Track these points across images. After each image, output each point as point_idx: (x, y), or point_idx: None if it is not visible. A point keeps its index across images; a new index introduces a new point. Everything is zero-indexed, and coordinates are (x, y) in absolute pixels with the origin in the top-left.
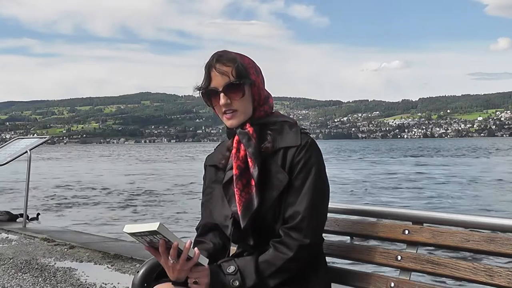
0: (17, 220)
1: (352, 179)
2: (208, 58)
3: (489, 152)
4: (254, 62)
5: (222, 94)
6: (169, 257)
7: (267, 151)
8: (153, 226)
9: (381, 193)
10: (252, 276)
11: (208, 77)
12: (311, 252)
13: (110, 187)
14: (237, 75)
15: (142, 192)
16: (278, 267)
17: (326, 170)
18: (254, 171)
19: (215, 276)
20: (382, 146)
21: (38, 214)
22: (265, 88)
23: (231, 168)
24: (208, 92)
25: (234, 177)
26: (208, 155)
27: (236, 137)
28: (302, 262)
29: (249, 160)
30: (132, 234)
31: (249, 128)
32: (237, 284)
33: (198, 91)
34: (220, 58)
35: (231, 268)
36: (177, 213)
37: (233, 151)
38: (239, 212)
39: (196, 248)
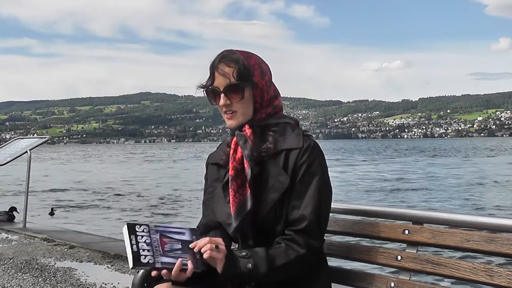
0: (13, 213)
1: None
2: (211, 58)
3: None
4: (262, 61)
5: (222, 95)
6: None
7: (268, 152)
8: (130, 262)
9: None
10: (263, 263)
11: (212, 76)
12: (317, 254)
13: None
14: (238, 76)
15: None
16: (289, 260)
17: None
18: (248, 172)
19: (228, 257)
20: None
21: (53, 208)
22: (276, 87)
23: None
24: (211, 91)
25: (229, 178)
26: (210, 154)
27: (235, 139)
28: (308, 264)
29: (244, 162)
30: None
31: (247, 130)
32: (250, 266)
33: (201, 89)
34: (223, 58)
35: (243, 252)
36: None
37: (231, 152)
38: (232, 213)
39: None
